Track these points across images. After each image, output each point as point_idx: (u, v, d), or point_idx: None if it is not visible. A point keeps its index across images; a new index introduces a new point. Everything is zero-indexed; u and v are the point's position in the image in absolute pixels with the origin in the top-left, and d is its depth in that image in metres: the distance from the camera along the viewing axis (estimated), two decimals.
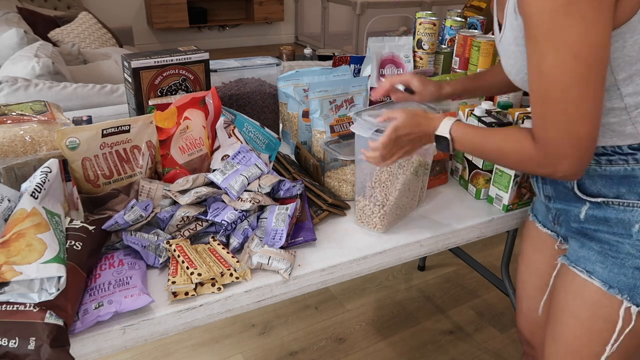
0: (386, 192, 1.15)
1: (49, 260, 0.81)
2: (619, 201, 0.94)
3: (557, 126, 0.83)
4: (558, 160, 0.85)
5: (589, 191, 0.98)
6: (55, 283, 0.81)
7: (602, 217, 0.97)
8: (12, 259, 0.79)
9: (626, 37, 0.82)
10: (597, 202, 0.97)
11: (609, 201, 0.95)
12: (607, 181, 0.95)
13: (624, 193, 0.93)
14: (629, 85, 0.87)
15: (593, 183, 0.97)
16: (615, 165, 0.93)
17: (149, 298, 0.89)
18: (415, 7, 6.03)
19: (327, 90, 1.34)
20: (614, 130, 0.91)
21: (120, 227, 1.02)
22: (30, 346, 0.75)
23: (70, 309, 0.83)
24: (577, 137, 0.82)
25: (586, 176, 0.97)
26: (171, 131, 1.19)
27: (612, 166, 0.93)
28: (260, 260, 1.02)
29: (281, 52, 4.40)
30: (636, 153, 0.91)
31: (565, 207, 1.05)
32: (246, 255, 1.04)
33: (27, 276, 0.77)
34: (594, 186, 0.97)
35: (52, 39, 3.94)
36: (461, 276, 2.56)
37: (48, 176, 0.96)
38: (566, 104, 0.81)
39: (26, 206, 0.88)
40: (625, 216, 0.94)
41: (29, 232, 0.84)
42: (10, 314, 0.77)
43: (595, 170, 0.96)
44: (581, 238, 1.03)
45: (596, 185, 0.97)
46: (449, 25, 1.78)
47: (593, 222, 0.99)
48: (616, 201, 0.94)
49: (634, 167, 0.91)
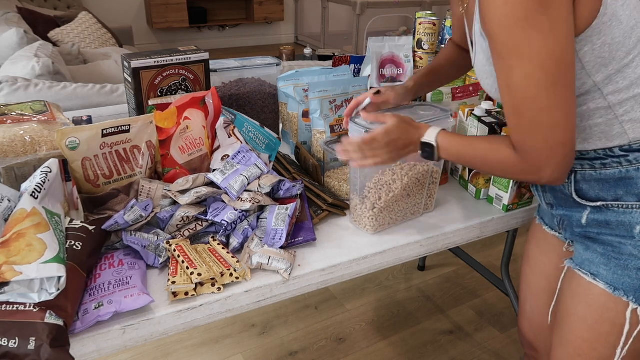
0: (379, 194, 1.15)
1: (49, 260, 0.81)
2: (618, 204, 0.94)
3: (532, 136, 0.85)
4: (540, 168, 0.87)
5: (587, 196, 0.99)
6: (55, 283, 0.80)
7: (604, 221, 0.97)
8: (12, 259, 0.79)
9: (593, 40, 0.85)
10: (598, 206, 0.97)
11: (609, 204, 0.95)
12: (604, 185, 0.95)
13: (622, 195, 0.93)
14: (609, 84, 0.89)
15: (591, 188, 0.97)
16: (609, 169, 0.93)
17: (149, 298, 0.89)
18: (415, 7, 6.03)
19: (327, 90, 1.34)
20: (602, 131, 0.92)
21: (120, 227, 1.02)
22: (30, 346, 0.74)
23: (71, 308, 0.83)
24: (554, 144, 0.84)
25: (583, 181, 0.98)
26: (171, 131, 1.19)
27: (606, 169, 0.94)
28: (260, 260, 1.02)
29: (281, 52, 4.40)
30: (628, 155, 0.91)
31: (567, 213, 1.05)
32: (246, 255, 1.04)
33: (27, 276, 0.77)
34: (592, 191, 0.97)
35: (52, 39, 3.94)
36: (461, 276, 2.56)
37: (48, 176, 0.96)
38: (538, 114, 0.83)
39: (26, 206, 0.88)
40: (625, 218, 0.94)
41: (29, 232, 0.84)
42: (10, 314, 0.77)
43: (592, 175, 0.96)
44: (585, 241, 1.03)
45: (594, 190, 0.97)
46: (449, 25, 1.78)
47: (595, 225, 0.99)
48: (615, 204, 0.94)
49: (628, 168, 0.91)
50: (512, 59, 0.82)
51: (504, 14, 0.80)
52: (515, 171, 0.92)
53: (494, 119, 1.27)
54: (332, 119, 1.35)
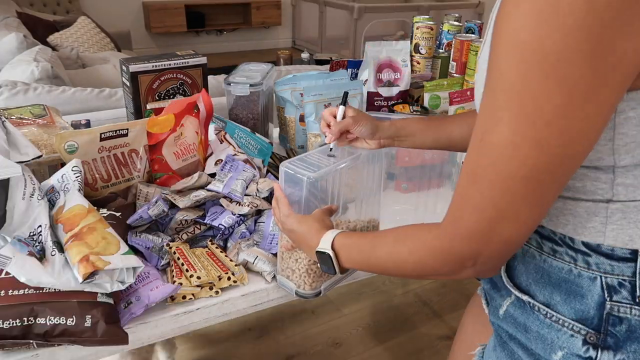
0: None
1: (126, 252, 0.87)
2: (547, 311, 0.68)
3: (476, 216, 0.60)
4: (463, 261, 0.63)
5: (517, 280, 0.73)
6: (133, 274, 0.86)
7: (522, 323, 0.72)
8: (95, 249, 0.83)
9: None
10: (522, 300, 0.72)
11: (534, 304, 0.70)
12: (542, 277, 0.69)
13: (557, 303, 0.67)
14: (630, 175, 0.61)
15: (525, 272, 0.72)
16: (558, 261, 0.67)
17: (173, 285, 0.92)
18: (413, 12, 6.05)
19: (322, 93, 1.34)
20: (576, 216, 0.65)
21: (144, 221, 1.04)
22: (87, 323, 0.80)
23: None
24: (499, 238, 0.60)
25: (521, 259, 0.73)
26: (160, 137, 1.18)
27: (555, 259, 0.68)
28: (247, 258, 1.02)
29: (278, 57, 4.41)
30: (590, 255, 0.64)
31: (491, 291, 0.81)
32: (235, 250, 1.05)
33: (115, 266, 0.82)
34: (524, 277, 0.72)
35: (51, 43, 3.95)
36: (458, 281, 2.56)
37: (80, 175, 1.02)
38: (501, 197, 0.57)
39: (82, 202, 0.94)
40: (549, 334, 0.68)
41: (98, 227, 0.89)
42: (64, 294, 0.82)
43: (533, 257, 0.71)
44: (497, 339, 0.80)
45: (527, 277, 0.72)
46: (446, 29, 1.79)
47: (511, 324, 0.74)
48: (544, 309, 0.69)
49: (581, 271, 0.65)
50: (504, 110, 0.55)
51: (525, 33, 0.51)
52: (432, 258, 0.67)
53: None
54: None
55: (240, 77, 1.44)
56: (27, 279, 0.79)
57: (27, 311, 0.79)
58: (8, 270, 0.79)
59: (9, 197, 0.91)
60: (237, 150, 1.28)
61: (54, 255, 0.84)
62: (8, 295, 0.80)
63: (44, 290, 0.82)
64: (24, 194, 0.92)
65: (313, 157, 0.95)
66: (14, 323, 0.78)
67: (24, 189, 0.92)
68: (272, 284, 1.01)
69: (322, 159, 0.95)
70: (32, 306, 0.79)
